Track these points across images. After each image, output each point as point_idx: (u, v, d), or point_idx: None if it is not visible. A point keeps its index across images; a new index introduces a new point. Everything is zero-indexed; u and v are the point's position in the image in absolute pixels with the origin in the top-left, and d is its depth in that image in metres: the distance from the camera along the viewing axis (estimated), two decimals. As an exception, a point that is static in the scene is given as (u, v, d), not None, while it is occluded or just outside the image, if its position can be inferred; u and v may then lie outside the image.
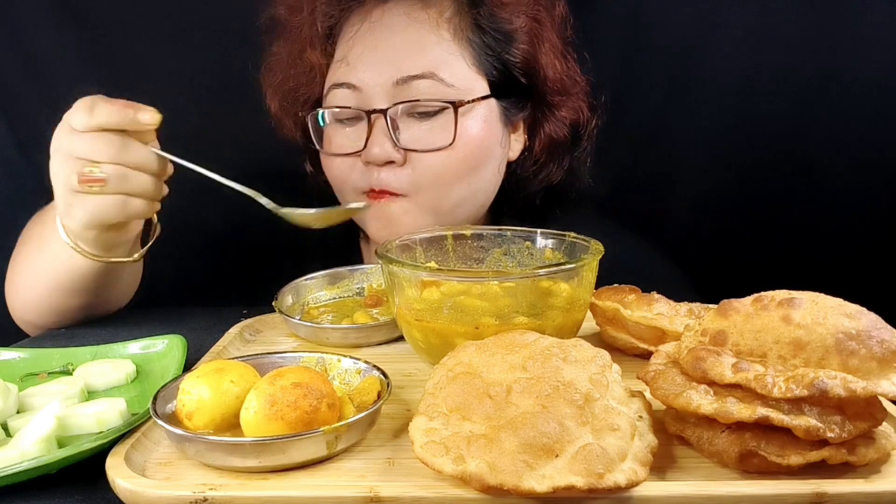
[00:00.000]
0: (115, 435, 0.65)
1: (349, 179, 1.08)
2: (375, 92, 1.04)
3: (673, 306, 0.83)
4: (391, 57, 1.04)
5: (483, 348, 0.66)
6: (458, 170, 1.05)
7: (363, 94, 1.04)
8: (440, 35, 1.04)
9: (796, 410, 0.57)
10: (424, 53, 1.03)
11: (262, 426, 0.61)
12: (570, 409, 0.57)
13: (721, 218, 1.47)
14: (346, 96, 1.06)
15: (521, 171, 1.15)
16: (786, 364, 0.59)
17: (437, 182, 1.05)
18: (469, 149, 1.05)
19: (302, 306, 0.98)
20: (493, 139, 1.08)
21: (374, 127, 1.03)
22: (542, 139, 1.13)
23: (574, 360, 0.62)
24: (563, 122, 1.14)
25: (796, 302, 0.62)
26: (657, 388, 0.64)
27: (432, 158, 1.04)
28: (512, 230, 0.93)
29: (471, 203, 1.10)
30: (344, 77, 1.06)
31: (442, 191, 1.05)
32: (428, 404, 0.62)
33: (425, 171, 1.04)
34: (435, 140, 1.03)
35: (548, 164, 1.15)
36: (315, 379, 0.64)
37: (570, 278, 0.79)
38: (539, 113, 1.13)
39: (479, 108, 1.06)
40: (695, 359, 0.62)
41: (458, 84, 1.04)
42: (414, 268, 0.80)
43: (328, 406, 0.63)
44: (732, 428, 0.60)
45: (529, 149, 1.14)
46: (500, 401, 0.59)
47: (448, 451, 0.56)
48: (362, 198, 1.07)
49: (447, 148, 1.03)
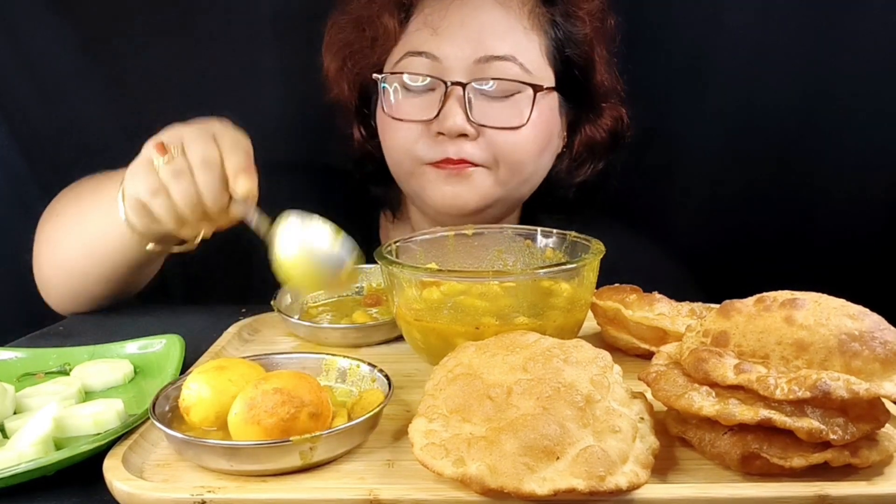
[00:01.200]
0: (113, 436, 0.65)
1: (413, 149, 1.10)
2: (456, 65, 1.07)
3: (675, 306, 0.82)
4: (476, 35, 1.08)
5: (483, 349, 0.66)
6: (529, 150, 1.10)
7: (442, 66, 1.08)
8: (522, 23, 1.10)
9: (799, 412, 0.57)
10: (508, 37, 1.08)
11: (241, 430, 0.61)
12: (571, 411, 0.57)
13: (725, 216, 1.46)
14: (423, 65, 1.09)
15: (560, 165, 1.20)
16: (788, 365, 0.59)
17: (511, 158, 1.09)
18: (537, 131, 1.10)
19: (301, 305, 0.98)
20: (555, 128, 1.15)
21: (450, 98, 1.06)
22: (583, 139, 1.20)
23: (575, 362, 0.62)
24: (603, 128, 1.20)
25: (799, 303, 0.62)
26: (659, 389, 0.63)
27: (505, 136, 1.08)
28: (513, 229, 0.93)
29: (530, 184, 1.15)
30: (425, 46, 1.09)
31: (516, 168, 1.10)
32: (428, 406, 0.62)
33: (499, 147, 1.08)
34: (510, 119, 1.07)
35: (585, 164, 1.21)
36: (300, 386, 0.63)
37: (570, 278, 0.79)
38: (583, 114, 1.19)
39: (548, 97, 1.11)
40: (697, 360, 0.62)
41: (533, 70, 1.09)
42: (413, 269, 0.80)
43: (309, 415, 0.61)
44: (735, 430, 0.60)
45: (569, 146, 1.20)
46: (500, 402, 0.59)
47: (448, 454, 0.56)
48: (424, 169, 1.10)
49: (520, 128, 1.08)
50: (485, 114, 1.07)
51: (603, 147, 1.21)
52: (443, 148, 1.07)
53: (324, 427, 0.62)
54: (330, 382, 0.74)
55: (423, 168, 1.10)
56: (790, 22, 1.37)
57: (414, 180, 1.12)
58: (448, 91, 1.06)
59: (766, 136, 1.41)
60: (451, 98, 1.06)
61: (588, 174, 1.22)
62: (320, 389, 0.64)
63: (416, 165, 1.10)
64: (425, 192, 1.11)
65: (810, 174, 1.41)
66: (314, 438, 0.60)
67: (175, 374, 0.78)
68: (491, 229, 0.93)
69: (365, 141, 1.23)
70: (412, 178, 1.12)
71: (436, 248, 0.91)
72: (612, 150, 1.23)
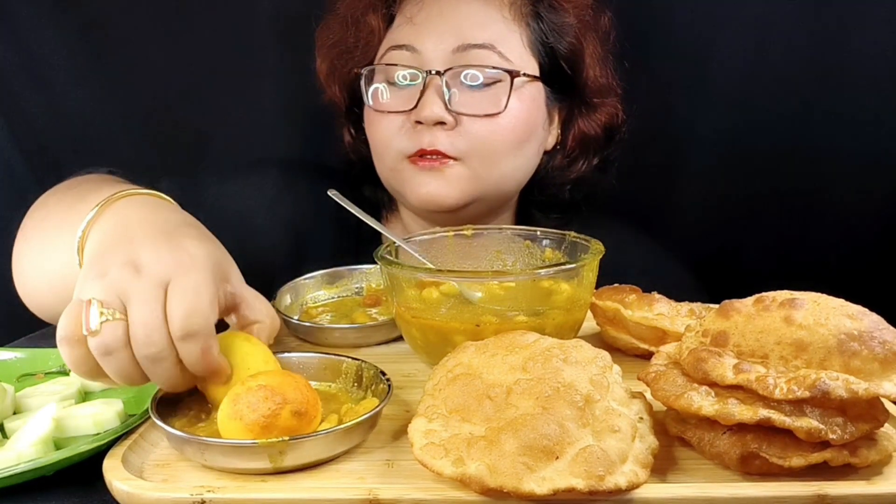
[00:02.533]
0: (113, 436, 0.65)
1: (394, 141, 1.10)
2: (435, 56, 1.08)
3: (674, 306, 0.83)
4: (455, 26, 1.09)
5: (483, 349, 0.66)
6: (506, 140, 1.09)
7: (422, 58, 1.09)
8: (503, 13, 1.11)
9: (798, 412, 0.57)
10: (487, 26, 1.09)
11: (225, 425, 0.62)
12: (571, 411, 0.58)
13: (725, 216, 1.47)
14: (404, 58, 1.10)
15: (553, 162, 1.20)
16: (787, 365, 0.60)
17: (486, 149, 1.08)
18: (518, 121, 1.09)
19: (300, 306, 0.98)
20: (539, 119, 1.14)
21: (429, 88, 1.07)
22: (576, 134, 1.20)
23: (574, 361, 0.63)
24: (597, 123, 1.20)
25: (798, 303, 0.62)
26: (658, 389, 0.64)
27: (482, 125, 1.07)
28: (512, 229, 0.93)
29: (513, 179, 1.14)
30: (405, 39, 1.10)
31: (491, 159, 1.09)
32: (427, 405, 0.62)
33: (475, 137, 1.08)
34: (487, 107, 1.07)
35: (579, 159, 1.21)
36: (286, 384, 0.62)
37: (570, 278, 0.79)
38: (576, 108, 1.19)
39: (530, 86, 1.11)
40: (696, 360, 0.62)
41: (514, 60, 1.09)
42: (413, 269, 0.80)
43: (292, 413, 0.61)
44: (734, 429, 0.60)
45: (562, 143, 1.20)
46: (500, 402, 0.59)
47: (448, 453, 0.57)
48: (404, 165, 1.10)
49: (497, 115, 1.08)
50: (463, 103, 1.07)
51: (597, 142, 1.21)
52: (419, 137, 1.07)
53: (309, 428, 0.62)
54: (346, 385, 0.74)
55: (402, 164, 1.10)
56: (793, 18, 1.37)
57: (395, 177, 1.12)
58: (427, 81, 1.07)
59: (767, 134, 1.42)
60: (429, 88, 1.07)
61: (583, 170, 1.21)
62: (308, 389, 0.64)
63: (397, 161, 1.10)
64: (405, 189, 1.11)
65: (811, 174, 1.41)
66: (282, 443, 0.59)
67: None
68: (490, 230, 0.94)
69: (355, 141, 1.24)
70: (394, 175, 1.12)
71: (435, 249, 0.92)
72: (606, 146, 1.23)
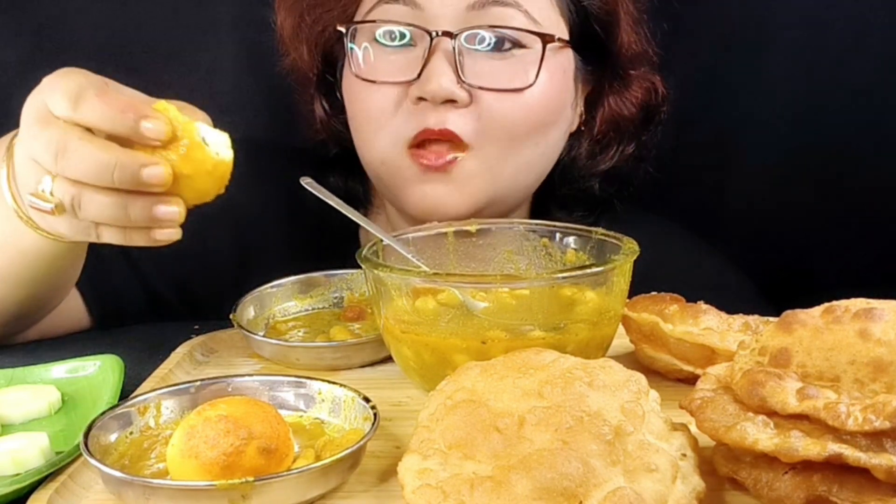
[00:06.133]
0: (36, 478, 0.65)
1: (387, 121, 1.05)
2: (442, 12, 1.03)
3: (724, 319, 0.83)
4: None
5: (489, 371, 0.66)
6: (533, 122, 1.06)
7: (424, 14, 1.04)
8: None
9: (876, 446, 0.57)
10: None
11: (177, 463, 0.61)
12: (597, 446, 0.58)
13: (785, 209, 1.46)
14: (400, 13, 1.05)
15: (578, 149, 1.18)
16: (863, 389, 0.60)
17: (507, 134, 1.05)
18: (547, 97, 1.07)
19: (266, 320, 0.99)
20: (569, 95, 1.12)
21: (435, 53, 1.02)
22: (606, 115, 1.17)
23: (602, 386, 0.63)
24: (632, 101, 1.18)
25: (876, 313, 0.62)
26: (705, 419, 0.64)
27: (504, 102, 1.04)
28: (526, 224, 0.93)
29: (532, 171, 1.12)
30: None
31: (511, 147, 1.06)
32: (422, 440, 0.62)
33: (494, 118, 1.04)
34: (510, 80, 1.04)
35: (610, 145, 1.19)
36: (252, 414, 0.62)
37: (597, 285, 0.79)
38: (605, 84, 1.16)
39: (560, 54, 1.08)
40: (751, 383, 0.62)
41: (542, 21, 1.06)
42: (404, 272, 0.80)
43: (259, 450, 0.60)
44: (798, 468, 0.60)
45: (587, 123, 1.18)
46: (510, 435, 0.59)
47: (446, 497, 0.56)
48: (400, 156, 1.05)
49: (523, 91, 1.04)
50: (482, 72, 1.03)
51: (632, 124, 1.19)
52: (423, 117, 1.03)
53: (279, 468, 0.62)
54: (321, 415, 0.74)
55: (400, 155, 1.05)
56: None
57: (388, 172, 1.08)
58: (433, 44, 1.02)
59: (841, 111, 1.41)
60: (436, 53, 1.02)
61: (615, 160, 1.19)
62: (278, 421, 0.64)
63: (393, 148, 1.06)
64: (401, 191, 1.08)
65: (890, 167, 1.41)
66: (246, 485, 0.58)
67: (112, 401, 0.78)
68: (499, 225, 0.94)
69: (329, 117, 1.19)
70: (386, 169, 1.08)
71: (432, 248, 0.91)
72: (644, 129, 1.21)
